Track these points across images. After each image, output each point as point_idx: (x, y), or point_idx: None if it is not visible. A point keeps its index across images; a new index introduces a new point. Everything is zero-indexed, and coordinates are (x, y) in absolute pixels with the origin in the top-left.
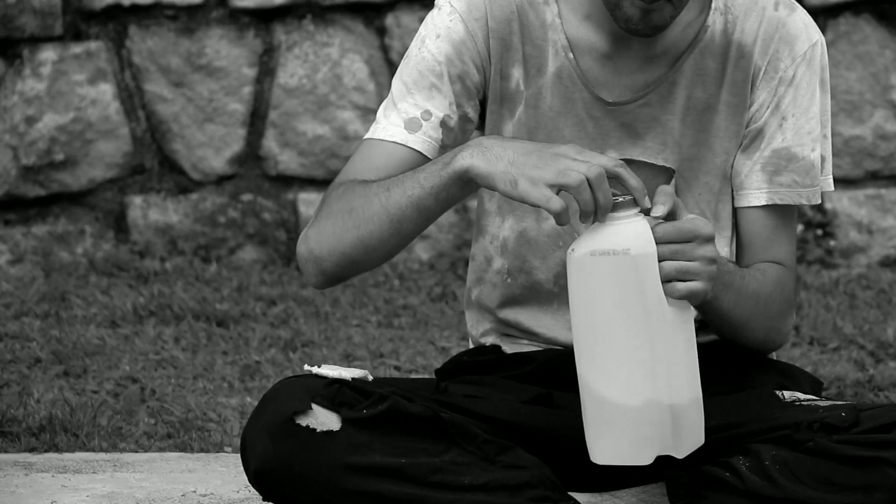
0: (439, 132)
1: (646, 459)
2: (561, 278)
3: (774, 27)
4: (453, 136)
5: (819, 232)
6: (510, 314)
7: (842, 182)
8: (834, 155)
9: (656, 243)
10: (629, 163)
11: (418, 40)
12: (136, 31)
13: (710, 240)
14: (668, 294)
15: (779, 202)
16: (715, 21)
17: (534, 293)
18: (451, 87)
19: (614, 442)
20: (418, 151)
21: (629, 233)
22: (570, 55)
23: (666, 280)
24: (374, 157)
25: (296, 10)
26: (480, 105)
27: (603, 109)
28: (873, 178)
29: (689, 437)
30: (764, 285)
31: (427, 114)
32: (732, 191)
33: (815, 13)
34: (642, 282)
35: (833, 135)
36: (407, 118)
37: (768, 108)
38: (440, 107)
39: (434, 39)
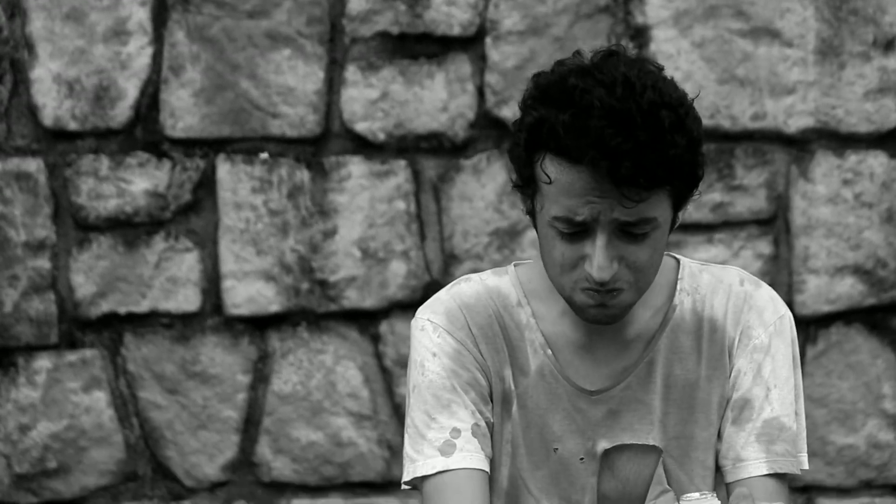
0: (474, 442)
1: None
2: None
3: (742, 300)
4: (488, 442)
5: None
6: None
7: (836, 491)
8: (827, 464)
9: None
10: (618, 451)
11: (417, 367)
12: (132, 339)
13: None
14: None
15: (779, 471)
16: (682, 301)
17: None
18: (467, 396)
19: None
20: (466, 469)
21: None
22: (549, 351)
23: None
24: (444, 500)
25: (290, 318)
26: (494, 409)
27: (587, 400)
28: (867, 487)
29: None
30: None
31: (455, 432)
32: (721, 466)
33: (807, 323)
34: None
35: (826, 443)
36: (440, 444)
37: (748, 375)
38: (465, 419)
39: (432, 359)
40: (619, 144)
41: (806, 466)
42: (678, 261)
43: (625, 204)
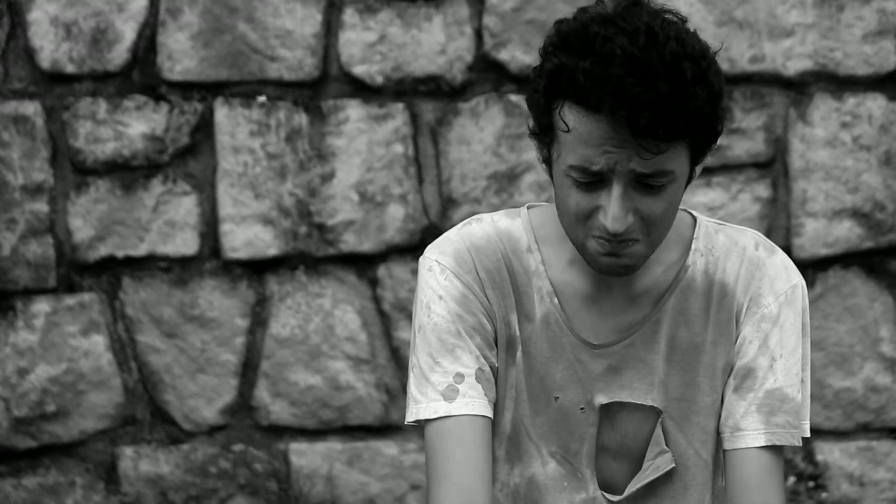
0: (478, 388)
1: None
2: None
3: (755, 266)
4: (492, 387)
5: (811, 484)
6: None
7: (833, 434)
8: (825, 407)
9: None
10: (618, 405)
11: (423, 308)
12: (130, 283)
13: None
14: None
15: (776, 443)
16: (695, 262)
17: None
18: (472, 341)
19: None
20: (468, 415)
21: None
22: (556, 300)
23: None
24: (445, 446)
25: (289, 262)
26: (499, 354)
27: (589, 353)
28: (865, 430)
29: None
30: None
31: (459, 377)
32: (721, 432)
33: (805, 266)
34: None
35: (824, 387)
36: (443, 389)
37: (754, 344)
38: (469, 364)
39: (438, 302)
40: (639, 94)
41: (807, 434)
42: (695, 218)
43: (642, 155)
